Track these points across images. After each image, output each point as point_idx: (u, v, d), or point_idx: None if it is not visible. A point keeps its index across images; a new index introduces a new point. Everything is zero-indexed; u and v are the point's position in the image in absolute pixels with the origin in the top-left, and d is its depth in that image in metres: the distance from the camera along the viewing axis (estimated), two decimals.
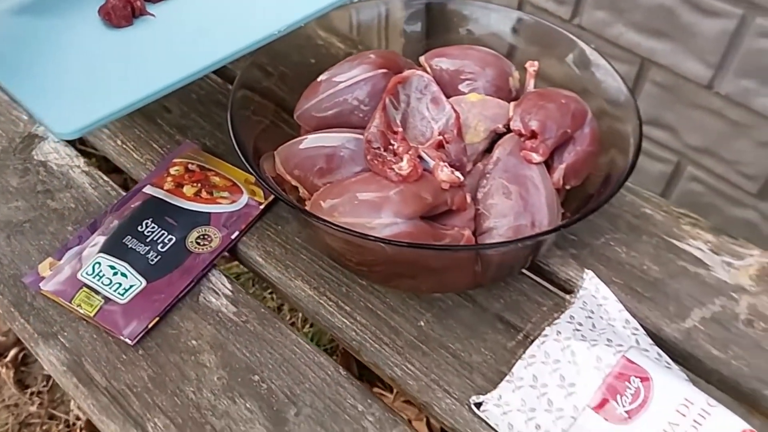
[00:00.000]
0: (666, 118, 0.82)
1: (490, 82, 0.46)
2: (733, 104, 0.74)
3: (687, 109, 0.79)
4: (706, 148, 0.80)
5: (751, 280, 0.45)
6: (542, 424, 0.37)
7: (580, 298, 0.42)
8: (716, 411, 0.35)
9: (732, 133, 0.77)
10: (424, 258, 0.37)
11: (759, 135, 0.74)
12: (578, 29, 0.84)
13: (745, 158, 0.77)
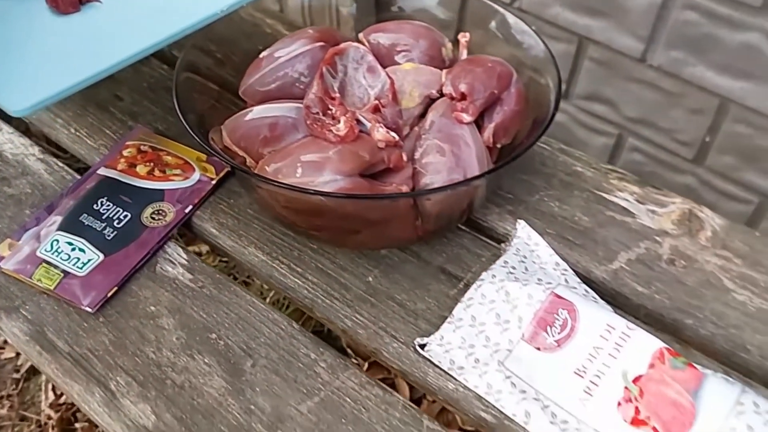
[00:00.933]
0: (605, 93, 0.87)
1: (424, 53, 0.49)
2: (666, 75, 0.80)
3: (624, 82, 0.84)
4: (643, 119, 0.85)
5: (672, 224, 0.50)
6: (481, 358, 0.40)
7: (514, 245, 0.46)
8: (635, 333, 0.39)
9: (666, 103, 0.82)
10: (365, 210, 0.40)
11: (690, 103, 0.80)
12: (519, 11, 0.89)
13: (680, 126, 0.82)
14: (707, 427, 0.35)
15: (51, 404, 0.88)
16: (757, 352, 0.42)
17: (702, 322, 0.44)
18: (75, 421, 0.87)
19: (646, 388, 0.37)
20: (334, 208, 0.40)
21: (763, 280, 0.46)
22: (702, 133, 0.82)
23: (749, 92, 0.74)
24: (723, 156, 0.81)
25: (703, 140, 0.82)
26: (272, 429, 0.39)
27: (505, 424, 0.39)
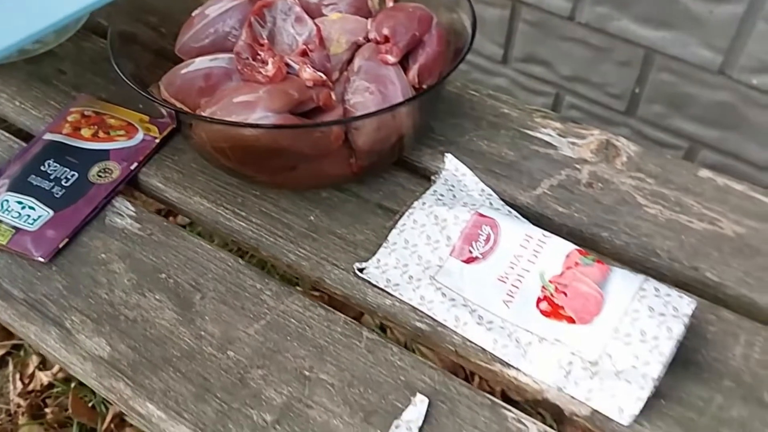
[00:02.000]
0: (541, 53, 0.92)
1: (350, 4, 0.53)
2: (593, 31, 0.85)
3: (557, 42, 0.89)
4: (577, 76, 0.91)
5: (591, 153, 0.54)
6: (414, 275, 0.44)
7: (443, 176, 0.50)
8: (550, 240, 0.43)
9: (596, 59, 0.87)
10: (297, 144, 0.43)
11: (618, 56, 0.85)
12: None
13: (611, 80, 0.88)
14: (613, 312, 0.39)
15: (20, 393, 0.89)
16: (666, 256, 0.47)
17: (617, 234, 0.48)
18: (45, 407, 0.88)
19: (560, 285, 0.41)
20: (268, 143, 0.43)
21: (673, 195, 0.51)
22: (631, 84, 0.87)
23: (670, 41, 0.80)
24: (652, 105, 0.87)
25: (633, 92, 0.87)
26: (222, 350, 0.42)
27: (438, 330, 0.43)
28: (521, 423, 0.38)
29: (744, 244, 0.47)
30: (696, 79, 0.81)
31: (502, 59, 0.98)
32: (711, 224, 0.49)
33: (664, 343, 0.38)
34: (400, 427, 0.38)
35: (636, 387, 0.37)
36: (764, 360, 0.41)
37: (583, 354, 0.39)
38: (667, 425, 0.38)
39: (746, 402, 0.39)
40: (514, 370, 0.41)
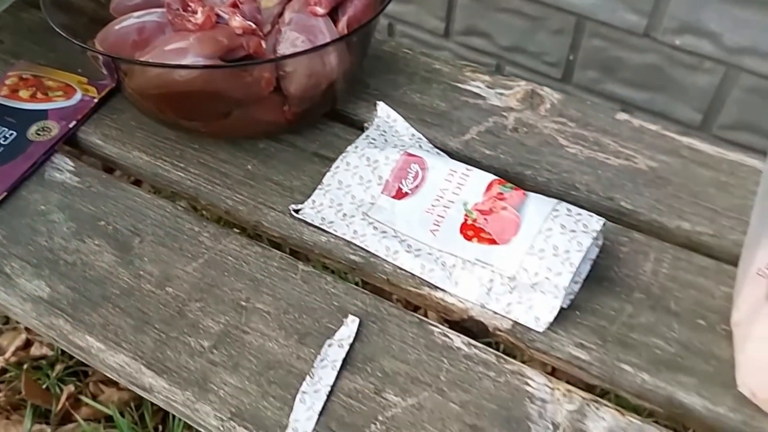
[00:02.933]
0: (480, 26, 0.96)
1: None
2: (527, 1, 0.88)
3: (494, 13, 0.93)
4: (516, 46, 0.94)
5: (517, 101, 0.57)
6: (348, 212, 0.47)
7: (375, 123, 0.52)
8: (473, 172, 0.46)
9: (532, 28, 0.91)
10: (229, 88, 0.45)
11: (552, 24, 0.89)
12: None
13: (547, 48, 0.91)
14: (529, 231, 0.42)
15: None
16: (584, 189, 0.50)
17: (539, 171, 0.51)
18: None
19: (481, 211, 0.44)
20: (199, 87, 0.45)
21: (592, 136, 0.54)
22: (566, 52, 0.91)
23: (598, 7, 0.84)
24: (586, 71, 0.91)
25: (568, 59, 0.91)
26: (161, 287, 0.43)
27: (371, 261, 0.45)
28: (446, 336, 0.41)
29: (656, 177, 0.51)
30: (624, 44, 0.85)
31: (444, 33, 1.01)
32: (626, 160, 0.52)
33: (575, 255, 0.41)
34: (333, 346, 0.40)
35: (550, 297, 0.40)
36: (671, 274, 0.44)
37: (502, 271, 0.42)
38: (581, 333, 0.41)
39: (654, 310, 0.42)
40: (441, 292, 0.43)
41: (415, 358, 0.40)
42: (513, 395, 0.38)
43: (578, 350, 0.40)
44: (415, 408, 0.37)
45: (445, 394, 0.38)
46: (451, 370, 0.39)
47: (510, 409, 0.37)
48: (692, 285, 0.43)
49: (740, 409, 0.37)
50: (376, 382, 0.39)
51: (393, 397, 0.38)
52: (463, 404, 0.38)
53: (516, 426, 0.37)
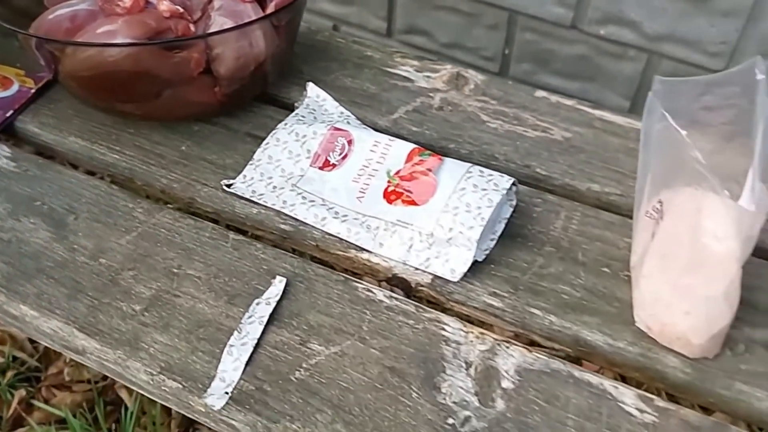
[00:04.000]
0: (420, 24, 1.00)
1: None
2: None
3: (433, 11, 0.97)
4: (454, 42, 0.98)
5: (443, 83, 0.61)
6: (277, 185, 0.49)
7: (305, 102, 0.55)
8: (395, 143, 0.49)
9: (468, 24, 0.95)
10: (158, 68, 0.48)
11: (487, 20, 0.93)
12: None
13: (483, 43, 0.96)
14: (445, 191, 0.45)
15: None
16: (503, 158, 0.54)
17: (462, 144, 0.55)
18: None
19: (403, 177, 0.47)
20: (129, 67, 0.47)
21: (512, 112, 0.58)
22: (501, 46, 0.96)
23: (527, 1, 0.88)
24: (521, 64, 0.95)
25: (504, 53, 0.96)
26: (95, 259, 0.45)
27: (301, 229, 0.47)
28: (370, 291, 0.44)
29: (570, 146, 0.55)
30: (554, 36, 0.90)
31: (386, 32, 1.05)
32: (543, 132, 0.56)
33: (485, 210, 0.44)
34: (261, 304, 0.42)
35: (464, 249, 0.43)
36: (580, 230, 0.48)
37: (421, 229, 0.45)
38: (495, 283, 0.44)
39: (563, 261, 0.45)
40: (367, 253, 0.46)
41: (340, 311, 0.42)
42: (430, 339, 0.41)
43: (492, 299, 0.43)
44: (338, 355, 0.40)
45: (367, 342, 0.41)
46: (374, 320, 0.42)
47: (427, 351, 0.40)
48: (599, 238, 0.47)
49: (638, 342, 0.41)
50: (302, 334, 0.41)
51: (317, 347, 0.40)
52: (383, 350, 0.40)
53: (432, 366, 0.39)
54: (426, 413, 0.37)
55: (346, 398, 0.38)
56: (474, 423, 0.37)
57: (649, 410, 0.37)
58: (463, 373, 0.39)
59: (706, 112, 0.40)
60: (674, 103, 0.39)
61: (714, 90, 0.39)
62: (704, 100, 0.40)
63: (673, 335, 0.38)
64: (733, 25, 0.76)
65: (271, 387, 0.38)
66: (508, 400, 0.38)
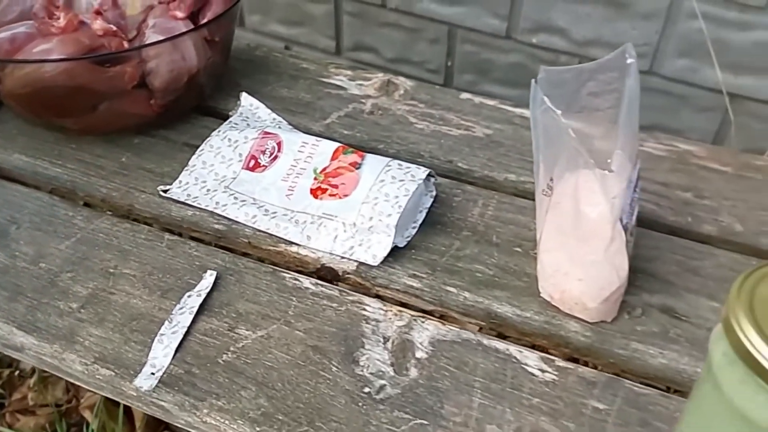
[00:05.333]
0: (366, 41, 1.04)
1: None
2: (404, 14, 0.98)
3: (377, 28, 1.02)
4: (399, 57, 1.03)
5: (375, 90, 0.65)
6: (211, 188, 0.52)
7: (239, 112, 0.59)
8: (322, 142, 0.53)
9: (411, 39, 1.00)
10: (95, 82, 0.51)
11: (428, 34, 0.98)
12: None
13: (427, 57, 1.01)
14: (366, 183, 0.49)
15: None
16: (428, 155, 0.57)
17: (391, 145, 0.59)
18: None
19: (328, 173, 0.50)
20: (65, 83, 0.50)
21: (438, 114, 0.62)
22: (443, 59, 1.00)
23: (465, 15, 0.94)
24: (464, 75, 1.00)
25: (446, 65, 1.01)
26: (35, 263, 0.48)
27: (233, 228, 0.51)
28: (297, 280, 0.47)
29: (490, 141, 0.59)
30: (492, 46, 0.95)
31: (335, 51, 1.09)
32: (466, 130, 0.60)
33: (402, 199, 0.47)
34: (192, 296, 0.45)
35: (383, 235, 0.47)
36: (495, 215, 0.51)
37: (345, 220, 0.48)
38: (415, 266, 0.47)
39: (478, 243, 0.49)
40: (296, 246, 0.49)
41: (267, 299, 0.45)
42: (351, 319, 0.44)
43: (412, 280, 0.47)
44: (264, 338, 0.43)
45: (292, 325, 0.43)
46: (299, 305, 0.45)
47: (348, 330, 0.43)
48: (512, 221, 0.51)
49: (544, 311, 0.44)
50: (230, 321, 0.44)
51: (244, 332, 0.43)
52: (307, 331, 0.43)
53: (352, 342, 0.42)
54: (344, 384, 0.40)
55: (270, 376, 0.40)
56: (388, 390, 0.40)
57: (550, 370, 0.40)
58: (381, 347, 0.42)
59: (592, 97, 0.44)
60: (562, 90, 0.43)
61: (597, 76, 0.43)
62: (589, 86, 0.44)
63: (572, 301, 0.42)
64: (653, 27, 0.82)
65: (199, 370, 0.41)
66: (421, 368, 0.41)
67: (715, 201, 0.52)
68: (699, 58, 0.81)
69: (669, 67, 0.84)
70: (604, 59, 0.43)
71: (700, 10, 0.77)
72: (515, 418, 0.38)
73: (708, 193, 0.53)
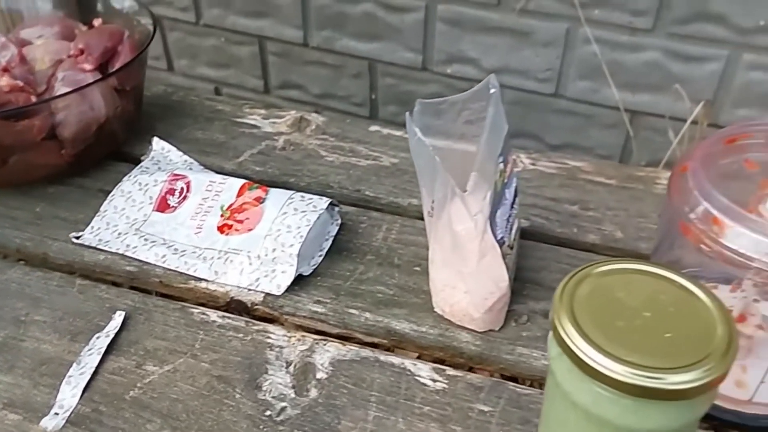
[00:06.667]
0: (292, 79, 1.08)
1: (58, 33, 0.64)
2: (326, 52, 1.02)
3: (301, 67, 1.06)
4: (326, 93, 1.07)
5: (287, 127, 0.68)
6: (122, 231, 0.54)
7: (150, 155, 0.61)
8: (228, 180, 0.56)
9: (334, 75, 1.04)
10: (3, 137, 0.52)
11: (350, 70, 1.02)
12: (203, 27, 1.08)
13: (352, 91, 1.05)
14: (270, 217, 0.52)
15: None
16: (337, 186, 0.61)
17: (301, 178, 0.62)
18: None
19: (234, 209, 0.53)
20: None
21: (348, 146, 0.65)
22: (367, 92, 1.05)
23: (383, 50, 0.98)
24: (388, 107, 1.05)
25: (371, 98, 1.05)
26: None
27: (145, 268, 0.53)
28: (204, 314, 0.49)
29: (396, 169, 0.62)
30: (410, 78, 1.00)
31: (264, 89, 1.13)
32: (374, 160, 0.64)
33: (304, 229, 0.50)
34: (100, 337, 0.46)
35: (286, 265, 0.49)
36: (398, 238, 0.55)
37: (250, 253, 0.51)
38: (320, 292, 0.50)
39: (381, 266, 0.52)
40: (206, 282, 0.51)
41: (175, 335, 0.47)
42: (256, 348, 0.46)
43: (317, 306, 0.49)
44: (170, 372, 0.44)
45: (198, 357, 0.45)
46: (206, 338, 0.47)
47: (252, 358, 0.45)
48: (413, 243, 0.54)
49: (438, 325, 0.47)
50: (138, 358, 0.45)
51: (152, 368, 0.45)
52: (212, 362, 0.45)
53: (256, 369, 0.44)
54: (247, 410, 0.42)
55: (175, 408, 0.42)
56: (289, 411, 0.42)
57: (441, 379, 0.43)
58: (283, 371, 0.44)
59: (468, 125, 0.48)
60: (441, 120, 0.47)
61: (469, 106, 0.47)
62: (464, 115, 0.48)
63: (461, 313, 0.45)
64: (554, 53, 0.88)
65: (106, 408, 0.42)
66: (321, 388, 0.43)
67: (599, 212, 0.56)
68: (598, 79, 0.87)
69: (572, 89, 0.90)
70: (473, 90, 0.47)
71: (594, 35, 0.83)
72: (407, 427, 0.41)
73: (593, 204, 0.57)
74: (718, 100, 0.83)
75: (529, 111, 0.96)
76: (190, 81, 1.19)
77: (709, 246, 0.34)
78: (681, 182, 0.37)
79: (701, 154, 0.37)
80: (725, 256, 0.34)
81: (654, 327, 0.28)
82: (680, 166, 0.38)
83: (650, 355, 0.27)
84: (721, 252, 0.34)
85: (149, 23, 0.65)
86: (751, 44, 0.78)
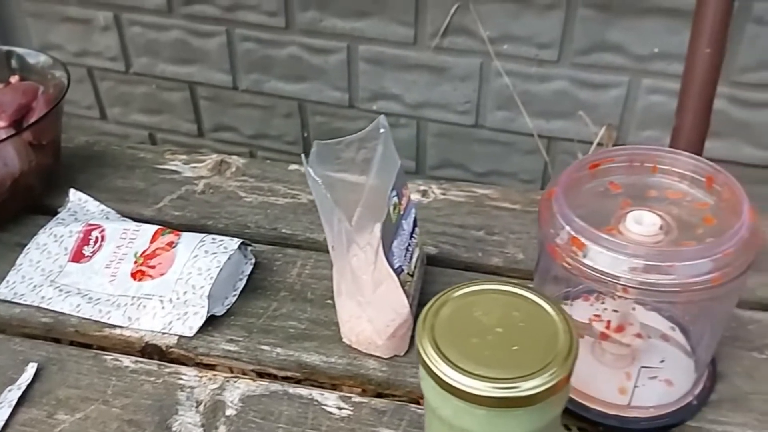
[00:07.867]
0: (225, 121, 1.11)
1: None
2: (255, 94, 1.05)
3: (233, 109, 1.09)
4: (259, 133, 1.10)
5: (208, 170, 0.70)
6: (37, 283, 0.55)
7: (67, 207, 0.63)
8: (142, 227, 0.57)
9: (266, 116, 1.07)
10: None
11: (281, 110, 1.06)
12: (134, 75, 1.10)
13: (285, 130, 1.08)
14: (181, 260, 0.54)
15: None
16: (254, 226, 0.63)
17: (219, 220, 0.64)
18: None
19: (147, 255, 0.55)
20: None
21: (267, 186, 0.68)
22: (299, 131, 1.08)
23: (309, 90, 1.02)
24: None
25: (303, 136, 1.08)
26: None
27: (60, 319, 0.54)
28: (118, 361, 0.50)
29: (313, 206, 0.64)
30: (339, 116, 1.04)
31: (198, 133, 1.15)
32: (292, 198, 0.66)
33: (214, 270, 0.52)
34: (12, 390, 0.47)
35: (198, 307, 0.51)
36: (312, 273, 0.57)
37: (162, 297, 0.52)
38: (233, 331, 0.52)
39: (294, 301, 0.54)
40: (120, 329, 0.52)
41: (87, 383, 0.48)
42: (167, 390, 0.47)
43: (230, 345, 0.51)
44: (81, 420, 0.45)
45: (110, 403, 0.47)
46: (118, 384, 0.48)
47: (163, 400, 0.47)
48: (326, 277, 0.56)
49: (346, 355, 0.49)
50: (50, 408, 0.46)
51: (63, 416, 0.46)
52: (123, 407, 0.46)
53: (166, 411, 0.46)
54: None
55: None
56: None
57: (347, 407, 0.45)
58: (193, 411, 0.46)
59: (366, 163, 0.50)
60: (341, 159, 0.50)
61: (365, 145, 0.50)
62: (362, 154, 0.50)
63: (366, 341, 0.47)
64: (471, 87, 0.92)
65: None
66: (230, 424, 0.45)
67: (503, 235, 0.60)
68: (513, 109, 0.92)
69: (491, 119, 0.95)
70: (366, 130, 0.51)
71: (505, 68, 0.88)
72: None
73: (498, 229, 0.60)
74: (624, 123, 0.89)
75: (453, 142, 1.00)
76: (123, 128, 1.21)
77: (571, 264, 0.38)
78: (547, 207, 0.40)
79: (565, 180, 0.41)
80: (586, 274, 0.37)
81: (504, 341, 0.31)
82: (547, 192, 0.41)
83: (500, 368, 0.30)
84: (581, 270, 0.37)
85: (65, 77, 0.67)
86: (649, 70, 0.85)
